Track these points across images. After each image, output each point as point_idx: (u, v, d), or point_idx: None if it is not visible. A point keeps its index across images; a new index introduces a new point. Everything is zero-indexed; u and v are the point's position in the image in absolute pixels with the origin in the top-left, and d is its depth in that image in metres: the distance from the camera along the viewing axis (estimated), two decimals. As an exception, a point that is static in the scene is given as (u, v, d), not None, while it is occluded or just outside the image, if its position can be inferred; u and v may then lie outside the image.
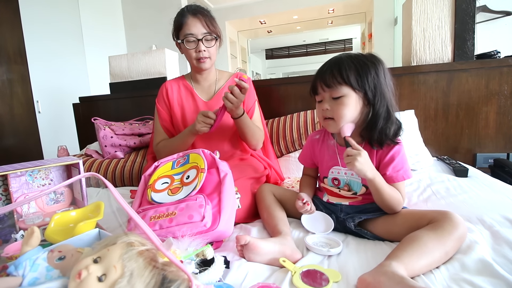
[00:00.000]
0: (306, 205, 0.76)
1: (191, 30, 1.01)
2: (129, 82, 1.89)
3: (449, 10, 1.38)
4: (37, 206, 0.85)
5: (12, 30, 2.33)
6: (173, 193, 0.76)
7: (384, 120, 0.70)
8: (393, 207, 0.69)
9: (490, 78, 1.31)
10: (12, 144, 2.43)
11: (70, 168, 0.91)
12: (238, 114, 1.00)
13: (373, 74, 0.70)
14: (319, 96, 0.75)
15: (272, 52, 8.69)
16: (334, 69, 0.70)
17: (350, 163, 0.66)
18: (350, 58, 0.71)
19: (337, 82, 0.70)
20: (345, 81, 0.69)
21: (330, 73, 0.71)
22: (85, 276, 0.34)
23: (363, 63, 0.70)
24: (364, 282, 0.50)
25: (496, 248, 0.58)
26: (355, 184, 0.77)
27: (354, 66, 0.70)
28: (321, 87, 0.73)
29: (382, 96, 0.70)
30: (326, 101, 0.73)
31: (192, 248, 0.52)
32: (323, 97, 0.74)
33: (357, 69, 0.69)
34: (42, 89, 2.54)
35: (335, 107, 0.71)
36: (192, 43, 1.04)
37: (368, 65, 0.70)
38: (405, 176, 0.71)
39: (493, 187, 0.94)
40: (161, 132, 1.16)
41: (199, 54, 1.04)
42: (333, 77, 0.70)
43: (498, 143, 1.34)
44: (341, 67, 0.70)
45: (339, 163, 0.78)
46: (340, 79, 0.69)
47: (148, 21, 3.54)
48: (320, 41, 7.88)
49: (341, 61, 0.72)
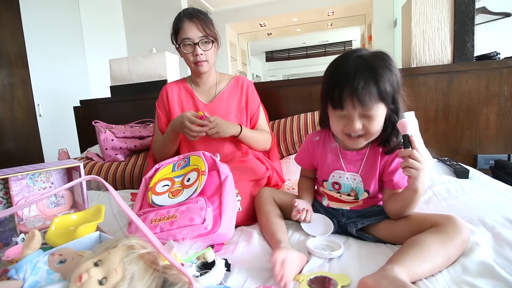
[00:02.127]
0: (299, 213, 0.74)
1: (187, 34, 1.03)
2: (129, 85, 1.90)
3: (448, 12, 1.38)
4: (37, 210, 0.85)
5: (13, 34, 2.34)
6: (174, 195, 0.76)
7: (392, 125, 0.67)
8: (407, 214, 0.67)
9: (490, 79, 1.31)
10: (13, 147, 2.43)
11: (70, 171, 0.91)
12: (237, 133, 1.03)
13: (395, 82, 0.62)
14: (345, 111, 0.63)
15: (272, 54, 8.72)
16: (371, 83, 0.59)
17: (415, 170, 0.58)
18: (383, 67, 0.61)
19: (374, 100, 0.60)
20: (382, 99, 0.60)
21: (366, 89, 0.59)
22: (86, 279, 0.34)
23: (390, 72, 0.61)
24: (365, 284, 0.49)
25: (498, 250, 0.58)
26: (358, 190, 0.75)
27: (388, 78, 0.60)
28: (352, 104, 0.61)
29: (398, 104, 0.65)
30: (356, 119, 0.63)
31: (193, 251, 0.52)
32: (350, 114, 0.63)
33: (390, 82, 0.61)
34: (43, 92, 2.55)
35: (368, 123, 0.63)
36: (189, 47, 1.05)
37: (393, 73, 0.62)
38: None
39: (494, 188, 0.93)
40: (158, 135, 1.17)
41: (196, 57, 1.05)
42: (371, 94, 0.59)
43: (499, 144, 1.34)
44: (379, 81, 0.59)
45: (343, 168, 0.76)
46: (378, 97, 0.60)
47: (149, 24, 3.56)
48: (320, 43, 7.92)
49: (377, 72, 0.60)
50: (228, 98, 1.14)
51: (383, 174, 0.72)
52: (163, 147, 1.10)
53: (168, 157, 1.05)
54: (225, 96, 1.14)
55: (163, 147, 1.10)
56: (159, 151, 1.13)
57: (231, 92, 1.16)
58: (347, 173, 0.76)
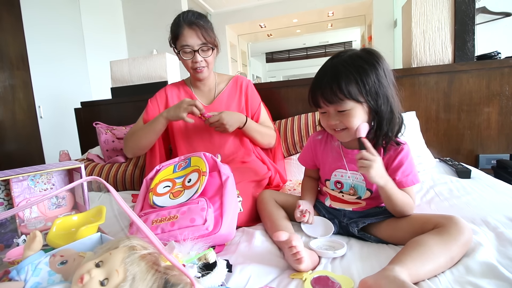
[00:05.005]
0: (303, 216, 0.75)
1: (187, 42, 1.01)
2: (130, 87, 1.90)
3: (449, 12, 1.38)
4: (39, 211, 0.85)
5: (14, 36, 2.35)
6: (175, 196, 0.76)
7: (388, 121, 0.68)
8: (405, 212, 0.67)
9: (491, 79, 1.31)
10: (14, 149, 2.44)
11: (72, 173, 0.91)
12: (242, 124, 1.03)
13: (374, 79, 0.65)
14: (322, 109, 0.71)
15: (272, 55, 8.74)
16: (333, 84, 0.65)
17: (365, 168, 0.62)
18: (346, 67, 0.66)
19: (338, 98, 0.65)
20: (347, 96, 0.65)
21: (330, 89, 0.66)
22: (88, 280, 0.34)
23: (362, 69, 0.65)
24: (365, 284, 0.49)
25: (501, 250, 0.58)
26: (359, 188, 0.75)
27: (353, 76, 0.65)
28: (323, 103, 0.68)
29: (385, 99, 0.67)
30: (332, 116, 0.69)
31: (194, 252, 0.52)
32: (327, 110, 0.70)
33: (357, 80, 0.65)
34: (44, 94, 2.55)
35: (344, 119, 0.67)
36: (189, 54, 1.04)
37: (367, 71, 0.65)
38: (415, 181, 0.70)
39: (496, 188, 0.93)
40: (139, 123, 1.13)
41: (195, 64, 1.05)
42: (334, 93, 0.65)
43: (501, 144, 1.33)
44: (340, 80, 0.65)
45: (345, 166, 0.76)
46: (341, 95, 0.65)
47: (149, 26, 3.57)
48: (320, 44, 7.93)
49: (339, 72, 0.66)
50: (228, 99, 1.14)
51: (387, 172, 0.72)
52: (140, 132, 1.06)
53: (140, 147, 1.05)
54: (225, 97, 1.14)
55: (140, 132, 1.06)
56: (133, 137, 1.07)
57: (230, 93, 1.16)
58: (349, 172, 0.76)
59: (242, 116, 1.05)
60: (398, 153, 0.70)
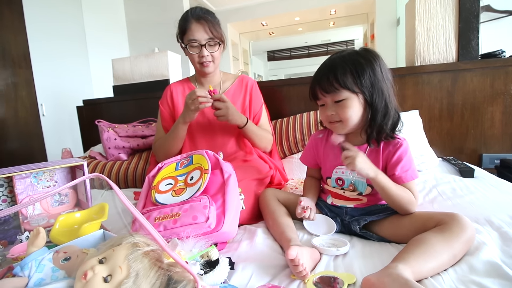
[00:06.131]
0: (304, 212, 0.75)
1: (195, 36, 1.02)
2: (132, 85, 1.90)
3: (453, 10, 1.37)
4: (42, 208, 0.85)
5: (17, 34, 2.35)
6: (177, 194, 0.76)
7: (383, 115, 0.70)
8: (405, 207, 0.68)
9: (496, 77, 1.30)
10: (17, 147, 2.45)
11: (74, 170, 0.92)
12: (242, 124, 1.02)
13: (369, 72, 0.68)
14: (321, 101, 0.74)
15: (274, 54, 8.71)
16: (330, 74, 0.69)
17: (351, 163, 0.66)
18: (343, 60, 0.70)
19: (334, 87, 0.69)
20: (342, 86, 0.68)
21: (326, 79, 0.70)
22: (91, 276, 0.34)
23: (358, 63, 0.69)
24: (368, 282, 0.49)
25: (505, 249, 0.57)
26: (360, 184, 0.76)
27: (349, 68, 0.68)
28: (320, 93, 0.72)
29: (380, 93, 0.69)
30: (329, 106, 0.72)
31: (197, 249, 0.51)
32: (325, 102, 0.73)
33: (352, 72, 0.68)
34: (46, 92, 2.56)
35: (339, 110, 0.70)
36: (196, 48, 1.05)
37: (363, 64, 0.68)
38: (413, 176, 0.70)
39: (500, 187, 0.92)
40: (161, 132, 1.17)
41: (202, 59, 1.05)
42: (330, 83, 0.69)
43: (504, 143, 1.32)
44: (336, 71, 0.69)
45: None
46: (337, 84, 0.68)
47: (151, 24, 3.57)
48: (322, 43, 7.89)
49: (335, 64, 0.70)
50: (233, 98, 1.14)
51: (386, 168, 0.73)
52: (167, 144, 1.08)
53: (171, 155, 1.05)
54: (230, 95, 1.14)
55: (167, 143, 1.08)
56: (162, 149, 1.11)
57: (235, 92, 1.16)
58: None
59: (244, 117, 1.05)
60: (397, 148, 0.71)
